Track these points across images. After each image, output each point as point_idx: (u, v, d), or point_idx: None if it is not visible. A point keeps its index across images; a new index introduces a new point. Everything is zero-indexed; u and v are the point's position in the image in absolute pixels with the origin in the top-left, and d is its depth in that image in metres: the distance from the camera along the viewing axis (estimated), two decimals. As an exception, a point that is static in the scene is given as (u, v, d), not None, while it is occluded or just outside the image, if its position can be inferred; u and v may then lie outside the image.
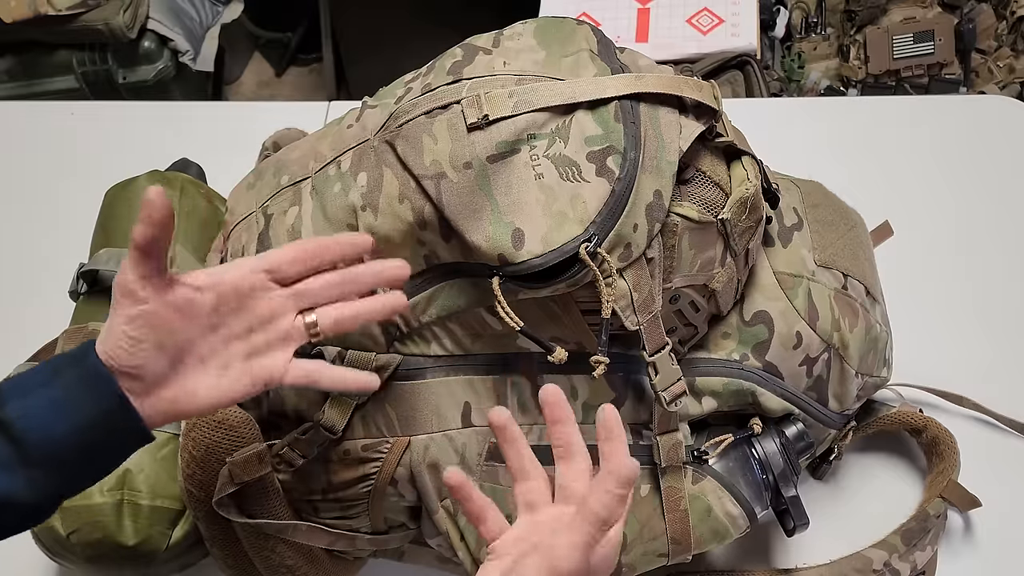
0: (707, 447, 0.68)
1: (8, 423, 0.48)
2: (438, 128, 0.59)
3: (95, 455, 0.51)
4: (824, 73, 1.70)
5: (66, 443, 0.49)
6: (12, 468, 0.48)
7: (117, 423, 0.50)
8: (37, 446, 0.48)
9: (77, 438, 0.49)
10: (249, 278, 0.53)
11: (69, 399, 0.49)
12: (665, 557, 0.68)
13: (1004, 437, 0.84)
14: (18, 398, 0.49)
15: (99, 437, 0.50)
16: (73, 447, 0.49)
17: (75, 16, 1.70)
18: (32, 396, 0.49)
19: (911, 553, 0.76)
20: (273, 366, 0.54)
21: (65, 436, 0.48)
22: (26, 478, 0.48)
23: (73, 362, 0.50)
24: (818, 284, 0.70)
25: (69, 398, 0.49)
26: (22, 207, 1.11)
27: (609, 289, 0.57)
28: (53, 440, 0.48)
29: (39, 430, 0.48)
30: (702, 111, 0.62)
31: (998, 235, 0.98)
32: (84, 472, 0.51)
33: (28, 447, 0.48)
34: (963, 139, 1.05)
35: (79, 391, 0.49)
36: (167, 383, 0.52)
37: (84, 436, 0.49)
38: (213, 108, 1.50)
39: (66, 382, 0.49)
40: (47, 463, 0.48)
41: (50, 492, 0.50)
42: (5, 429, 0.48)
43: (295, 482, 0.67)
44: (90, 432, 0.49)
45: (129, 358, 0.50)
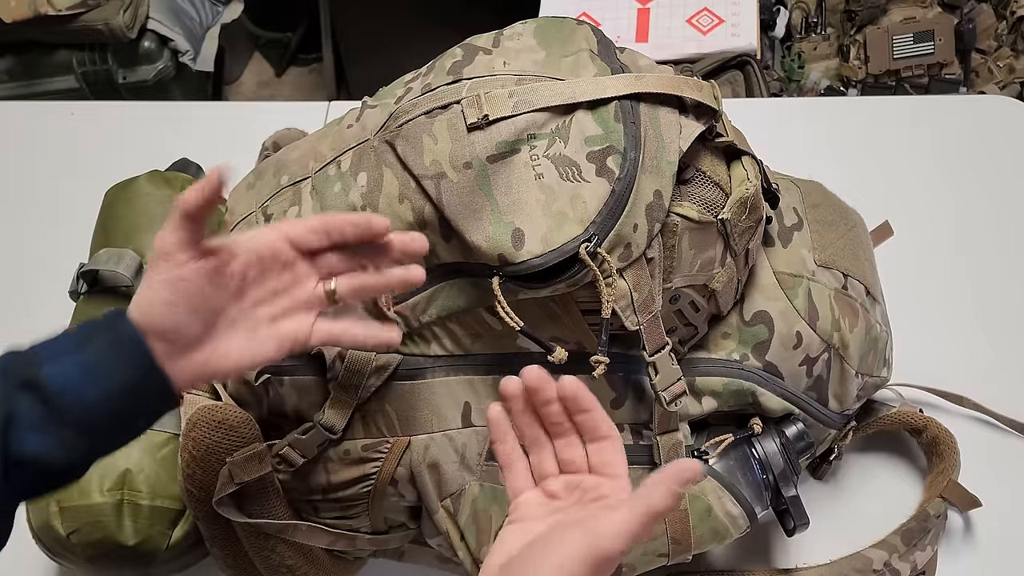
0: (707, 447, 0.68)
1: (42, 385, 0.49)
2: (438, 128, 0.59)
3: (126, 419, 0.52)
4: (824, 73, 1.70)
5: (98, 408, 0.49)
6: (46, 429, 0.49)
7: (148, 388, 0.51)
8: (70, 410, 0.49)
9: (108, 404, 0.50)
10: (273, 245, 0.54)
11: (101, 365, 0.50)
12: (665, 557, 0.68)
13: (1004, 437, 0.84)
14: (52, 362, 0.50)
15: (130, 402, 0.51)
16: (105, 412, 0.50)
17: (75, 16, 1.71)
18: (66, 361, 0.50)
19: (911, 553, 0.76)
20: (299, 329, 0.55)
21: (97, 401, 0.49)
22: (59, 439, 0.49)
23: (105, 327, 0.51)
24: (818, 284, 0.70)
25: (101, 364, 0.50)
26: (22, 207, 1.11)
27: (609, 289, 0.57)
28: (85, 405, 0.49)
29: (72, 394, 0.49)
30: (702, 111, 0.62)
31: (998, 235, 0.98)
32: (115, 435, 0.53)
33: (62, 410, 0.49)
34: (963, 139, 1.05)
35: (111, 357, 0.50)
36: (199, 345, 0.52)
37: (115, 401, 0.50)
38: (213, 108, 1.50)
39: (98, 348, 0.50)
40: (80, 426, 0.49)
41: (82, 454, 0.51)
42: (39, 391, 0.49)
43: (295, 482, 0.67)
44: (121, 398, 0.50)
45: (164, 320, 0.51)
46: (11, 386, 0.49)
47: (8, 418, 0.48)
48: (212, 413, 0.66)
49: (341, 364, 0.63)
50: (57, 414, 0.49)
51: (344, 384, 0.64)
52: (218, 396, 0.69)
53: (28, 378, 0.49)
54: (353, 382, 0.63)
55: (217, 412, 0.66)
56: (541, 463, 0.53)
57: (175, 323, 0.51)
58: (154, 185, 0.86)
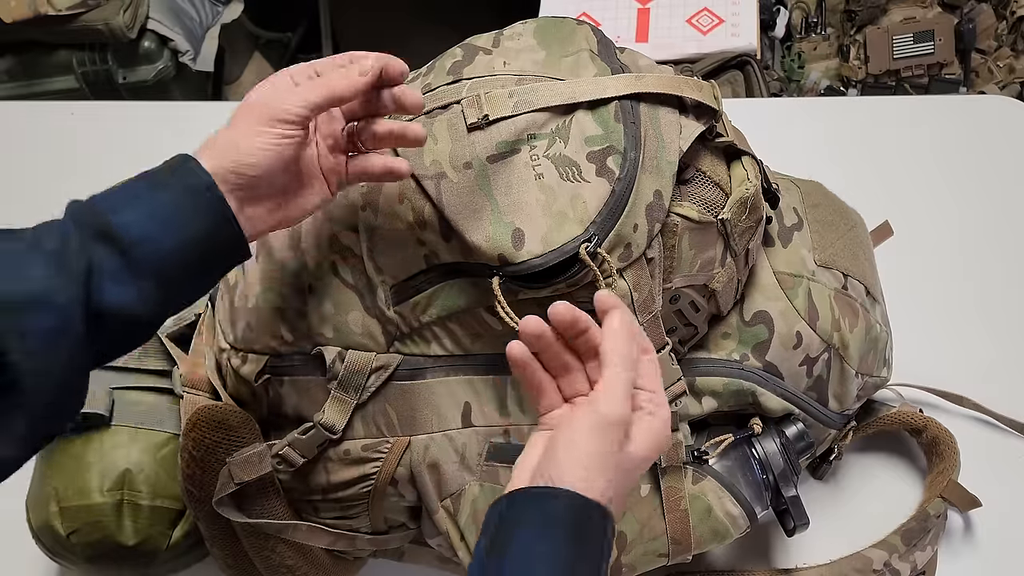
0: (707, 447, 0.68)
1: (118, 235, 0.48)
2: (438, 128, 0.59)
3: (201, 269, 0.52)
4: (824, 73, 1.70)
5: (173, 258, 0.50)
6: (124, 280, 0.48)
7: (222, 238, 0.52)
8: (147, 259, 0.49)
9: (183, 254, 0.50)
10: (332, 100, 0.54)
11: (177, 214, 0.50)
12: (665, 557, 0.68)
13: (1004, 437, 0.84)
14: (126, 210, 0.49)
15: (204, 252, 0.51)
16: (179, 262, 0.50)
17: (75, 16, 1.70)
18: (140, 209, 0.50)
19: (911, 553, 0.76)
20: (338, 169, 0.57)
21: (172, 251, 0.49)
22: (138, 289, 0.49)
23: (179, 173, 0.51)
24: (818, 284, 0.70)
25: (177, 213, 0.50)
26: (22, 207, 1.11)
27: (609, 289, 0.57)
28: (161, 255, 0.49)
29: (149, 244, 0.49)
30: (702, 111, 0.62)
31: (998, 235, 0.98)
32: (190, 286, 0.53)
33: (139, 260, 0.49)
34: (963, 139, 1.05)
35: (187, 206, 0.50)
36: (271, 197, 0.54)
37: (190, 251, 0.50)
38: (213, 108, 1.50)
39: (173, 196, 0.50)
40: (156, 276, 0.49)
41: (160, 304, 0.51)
42: (116, 241, 0.48)
43: (295, 482, 0.67)
44: (196, 247, 0.50)
45: (253, 172, 0.52)
46: (86, 236, 0.48)
47: (88, 269, 0.48)
48: (212, 413, 0.66)
49: (341, 364, 0.63)
50: (135, 264, 0.49)
51: (344, 384, 0.64)
52: (218, 396, 0.69)
53: (102, 227, 0.49)
54: (353, 382, 0.63)
55: (217, 412, 0.66)
56: (572, 383, 0.52)
57: (262, 178, 0.52)
58: (154, 185, 0.86)
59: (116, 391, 0.72)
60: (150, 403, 0.73)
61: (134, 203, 0.50)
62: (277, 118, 0.52)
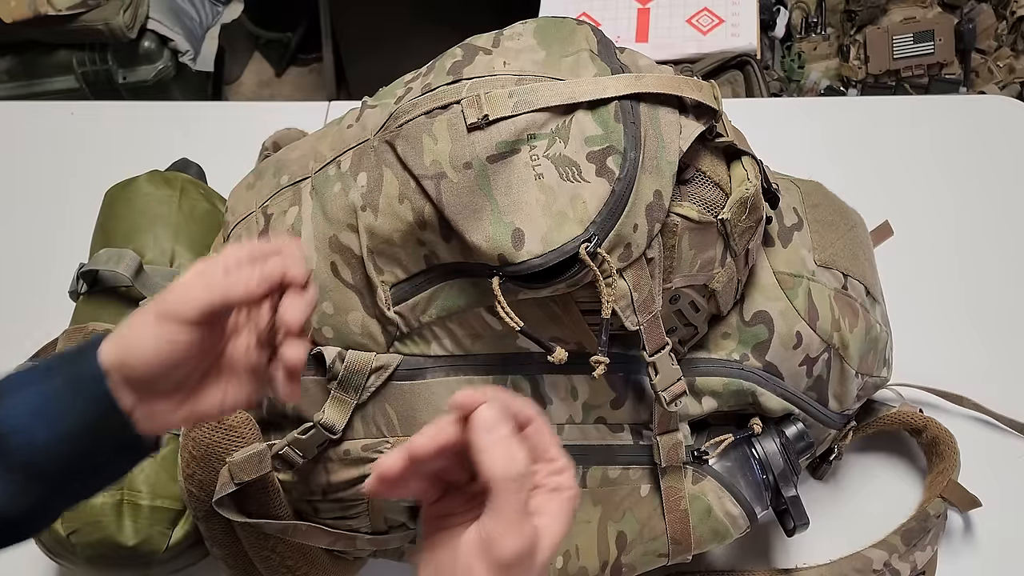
0: (707, 447, 0.68)
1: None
2: (438, 128, 0.59)
3: (86, 465, 0.48)
4: (824, 73, 1.70)
5: (50, 451, 0.46)
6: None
7: (108, 432, 0.47)
8: (18, 450, 0.45)
9: (60, 446, 0.46)
10: (248, 297, 0.50)
11: (56, 403, 0.46)
12: (665, 557, 0.68)
13: (1004, 437, 0.84)
14: (8, 396, 0.46)
15: (86, 446, 0.47)
16: (57, 455, 0.46)
17: (75, 16, 1.71)
18: (21, 396, 0.46)
19: (911, 553, 0.76)
20: (260, 367, 0.53)
21: (48, 443, 0.46)
22: (5, 482, 0.45)
23: (69, 361, 0.48)
24: (818, 284, 0.70)
25: (56, 402, 0.46)
26: (22, 207, 1.12)
27: (609, 289, 0.57)
28: (35, 447, 0.45)
29: (21, 435, 0.45)
30: (702, 111, 0.62)
31: (998, 235, 0.98)
32: (76, 482, 0.48)
33: (9, 451, 0.45)
34: (963, 139, 1.05)
35: (67, 394, 0.46)
36: (176, 392, 0.50)
37: (67, 444, 0.46)
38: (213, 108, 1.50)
39: (55, 384, 0.47)
40: (27, 469, 0.46)
41: (37, 502, 0.47)
42: None
43: (295, 482, 0.67)
44: (74, 441, 0.46)
45: (147, 367, 0.47)
46: None
47: None
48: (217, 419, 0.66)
49: (341, 364, 0.63)
50: (3, 456, 0.45)
51: (344, 384, 0.64)
52: (218, 396, 0.69)
53: None
54: (353, 382, 0.63)
55: (217, 412, 0.66)
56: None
57: (154, 374, 0.47)
58: (154, 185, 0.86)
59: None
60: (150, 403, 0.73)
61: (21, 390, 0.47)
62: (168, 316, 0.47)
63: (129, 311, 0.78)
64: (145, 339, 0.47)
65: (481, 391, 0.44)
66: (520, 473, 0.41)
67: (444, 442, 0.44)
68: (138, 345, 0.47)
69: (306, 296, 0.50)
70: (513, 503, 0.41)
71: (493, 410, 0.43)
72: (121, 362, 0.47)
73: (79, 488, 0.49)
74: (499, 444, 0.42)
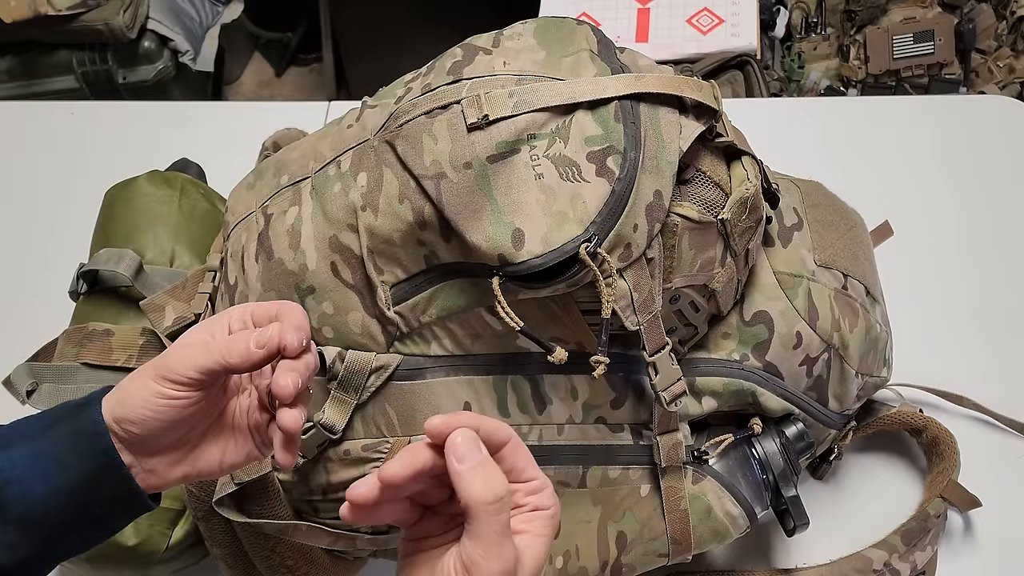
0: (707, 447, 0.68)
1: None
2: (438, 128, 0.59)
3: (84, 519, 0.48)
4: (824, 73, 1.70)
5: (47, 504, 0.46)
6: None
7: (108, 487, 0.47)
8: (14, 504, 0.45)
9: (58, 499, 0.46)
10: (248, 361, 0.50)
11: (54, 457, 0.46)
12: (665, 557, 0.68)
13: (1004, 437, 0.84)
14: (12, 448, 0.46)
15: (85, 500, 0.47)
16: (55, 508, 0.46)
17: (75, 16, 1.71)
18: (16, 448, 0.46)
19: (911, 553, 0.76)
20: (263, 428, 0.53)
21: (45, 497, 0.46)
22: (1, 532, 0.45)
23: (69, 414, 0.48)
24: (818, 284, 0.70)
25: (54, 456, 0.46)
26: (22, 207, 1.12)
27: (609, 289, 0.57)
28: (32, 500, 0.45)
29: (16, 487, 0.45)
30: (702, 111, 0.62)
31: (998, 235, 0.98)
32: (71, 536, 0.48)
33: (5, 503, 0.45)
34: (963, 139, 1.05)
35: (67, 448, 0.46)
36: (180, 449, 0.51)
37: (65, 497, 0.46)
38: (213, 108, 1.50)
39: (55, 436, 0.47)
40: (23, 522, 0.46)
41: (33, 553, 0.46)
42: None
43: (295, 482, 0.67)
44: (72, 494, 0.46)
45: (145, 425, 0.48)
46: None
47: None
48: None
49: (341, 364, 0.63)
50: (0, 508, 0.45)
51: (344, 384, 0.64)
52: (218, 396, 0.69)
53: None
54: (353, 382, 0.63)
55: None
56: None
57: (150, 433, 0.48)
58: (154, 185, 0.86)
59: (116, 391, 0.72)
60: (150, 403, 0.73)
61: (19, 443, 0.47)
62: (166, 376, 0.47)
63: (129, 311, 0.78)
64: (144, 398, 0.48)
65: (453, 415, 0.43)
66: (499, 496, 0.41)
67: (419, 468, 0.43)
68: (137, 403, 0.48)
69: (301, 363, 0.49)
70: (493, 526, 0.41)
71: (466, 435, 0.42)
72: (120, 418, 0.48)
73: (76, 541, 0.49)
74: (476, 470, 0.42)
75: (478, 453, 0.42)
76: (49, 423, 0.48)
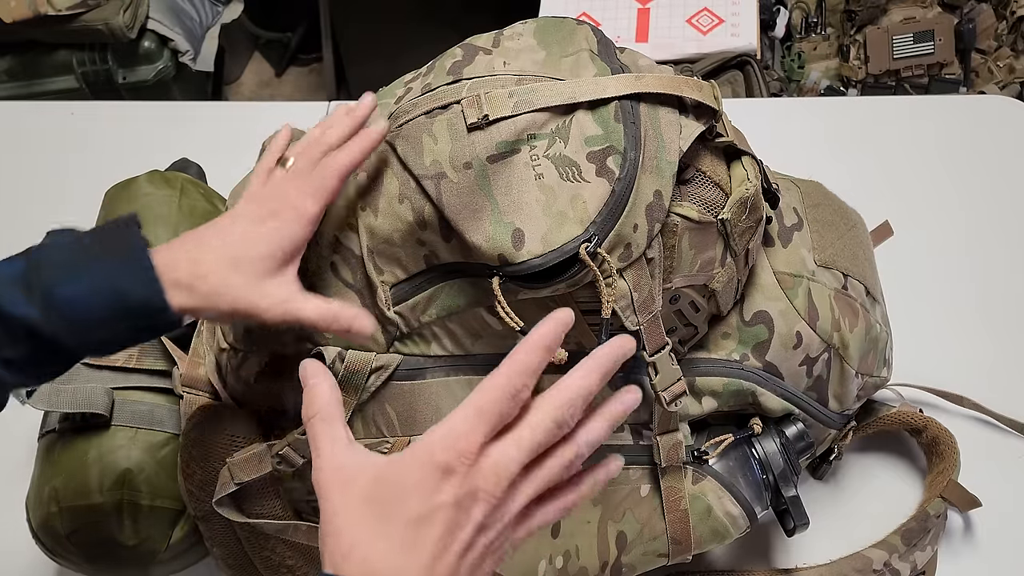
0: (707, 447, 0.68)
1: (32, 251, 0.53)
2: (438, 128, 0.59)
3: (108, 315, 0.52)
4: (824, 73, 1.70)
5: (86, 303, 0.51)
6: (31, 302, 0.51)
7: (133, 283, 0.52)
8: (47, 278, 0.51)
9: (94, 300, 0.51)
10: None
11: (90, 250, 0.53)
12: (665, 557, 0.68)
13: (1004, 437, 0.84)
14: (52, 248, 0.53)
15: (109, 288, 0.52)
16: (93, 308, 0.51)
17: (75, 16, 1.71)
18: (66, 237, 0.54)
19: (911, 553, 0.76)
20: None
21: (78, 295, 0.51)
22: (41, 307, 0.51)
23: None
24: (818, 284, 0.70)
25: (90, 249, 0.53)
26: (22, 207, 1.12)
27: (609, 289, 0.57)
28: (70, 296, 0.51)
29: (49, 261, 0.52)
30: (702, 111, 0.62)
31: (998, 235, 0.98)
32: (95, 328, 0.53)
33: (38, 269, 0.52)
34: (963, 139, 1.05)
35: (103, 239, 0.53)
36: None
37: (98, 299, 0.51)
38: (213, 108, 1.50)
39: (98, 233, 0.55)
40: (47, 299, 0.51)
41: (66, 340, 0.52)
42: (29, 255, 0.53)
43: (295, 482, 0.67)
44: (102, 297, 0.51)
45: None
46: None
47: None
48: (212, 413, 0.66)
49: (341, 364, 0.63)
50: (34, 259, 0.52)
51: (344, 384, 0.64)
52: (218, 396, 0.69)
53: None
54: (353, 382, 0.63)
55: (217, 412, 0.66)
56: None
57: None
58: (154, 185, 0.86)
59: (116, 391, 0.72)
60: (150, 403, 0.73)
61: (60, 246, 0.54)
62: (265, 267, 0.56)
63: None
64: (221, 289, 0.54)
65: None
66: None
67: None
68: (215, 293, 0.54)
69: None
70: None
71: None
72: (186, 308, 0.53)
73: (96, 334, 0.53)
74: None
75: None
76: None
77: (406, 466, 0.45)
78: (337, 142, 0.60)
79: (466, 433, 0.44)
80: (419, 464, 0.44)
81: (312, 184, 0.58)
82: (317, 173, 0.58)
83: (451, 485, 0.43)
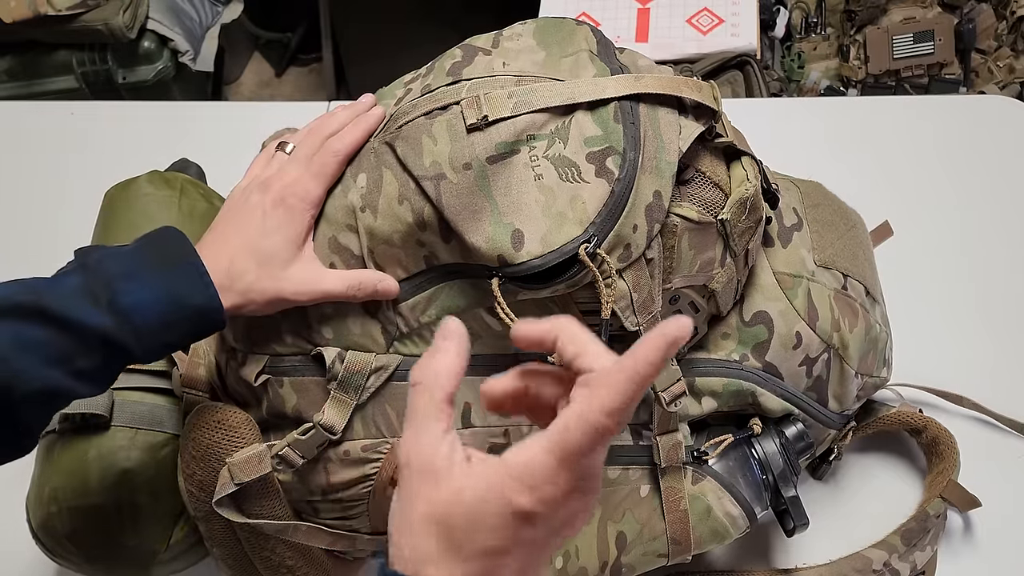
0: (707, 447, 0.68)
1: (87, 252, 0.57)
2: (437, 129, 0.59)
3: (170, 316, 0.55)
4: (824, 73, 1.70)
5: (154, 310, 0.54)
6: (101, 311, 0.53)
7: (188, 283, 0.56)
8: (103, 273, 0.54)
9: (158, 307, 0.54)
10: None
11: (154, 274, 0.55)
12: (665, 557, 0.68)
13: (1004, 437, 0.84)
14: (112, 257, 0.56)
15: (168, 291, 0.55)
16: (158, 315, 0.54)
17: (75, 16, 1.71)
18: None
19: (911, 553, 0.76)
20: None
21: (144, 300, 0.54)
22: (111, 316, 0.53)
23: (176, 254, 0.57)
24: (818, 284, 0.70)
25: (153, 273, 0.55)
26: (22, 207, 1.12)
27: (609, 290, 0.57)
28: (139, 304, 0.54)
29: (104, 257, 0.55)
30: (702, 111, 0.62)
31: (998, 235, 0.98)
32: (159, 324, 0.55)
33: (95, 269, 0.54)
34: (963, 139, 1.05)
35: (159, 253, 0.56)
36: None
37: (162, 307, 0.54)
38: (213, 108, 1.50)
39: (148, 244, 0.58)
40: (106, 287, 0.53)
41: (134, 347, 0.54)
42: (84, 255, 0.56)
43: (295, 482, 0.67)
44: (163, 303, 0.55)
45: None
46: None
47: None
48: (212, 413, 0.66)
49: (341, 364, 0.63)
50: (91, 271, 0.54)
51: (344, 384, 0.64)
52: (218, 397, 0.69)
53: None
54: (353, 383, 0.63)
55: (217, 412, 0.66)
56: None
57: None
58: (154, 185, 0.86)
59: (116, 392, 0.72)
60: (150, 404, 0.73)
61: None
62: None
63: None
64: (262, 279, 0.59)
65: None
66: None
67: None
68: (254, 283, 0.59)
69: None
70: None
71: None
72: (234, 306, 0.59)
73: (159, 327, 0.56)
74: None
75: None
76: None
77: (485, 504, 0.40)
78: (337, 129, 0.63)
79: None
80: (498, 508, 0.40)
81: (313, 168, 0.61)
82: (318, 157, 0.61)
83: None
